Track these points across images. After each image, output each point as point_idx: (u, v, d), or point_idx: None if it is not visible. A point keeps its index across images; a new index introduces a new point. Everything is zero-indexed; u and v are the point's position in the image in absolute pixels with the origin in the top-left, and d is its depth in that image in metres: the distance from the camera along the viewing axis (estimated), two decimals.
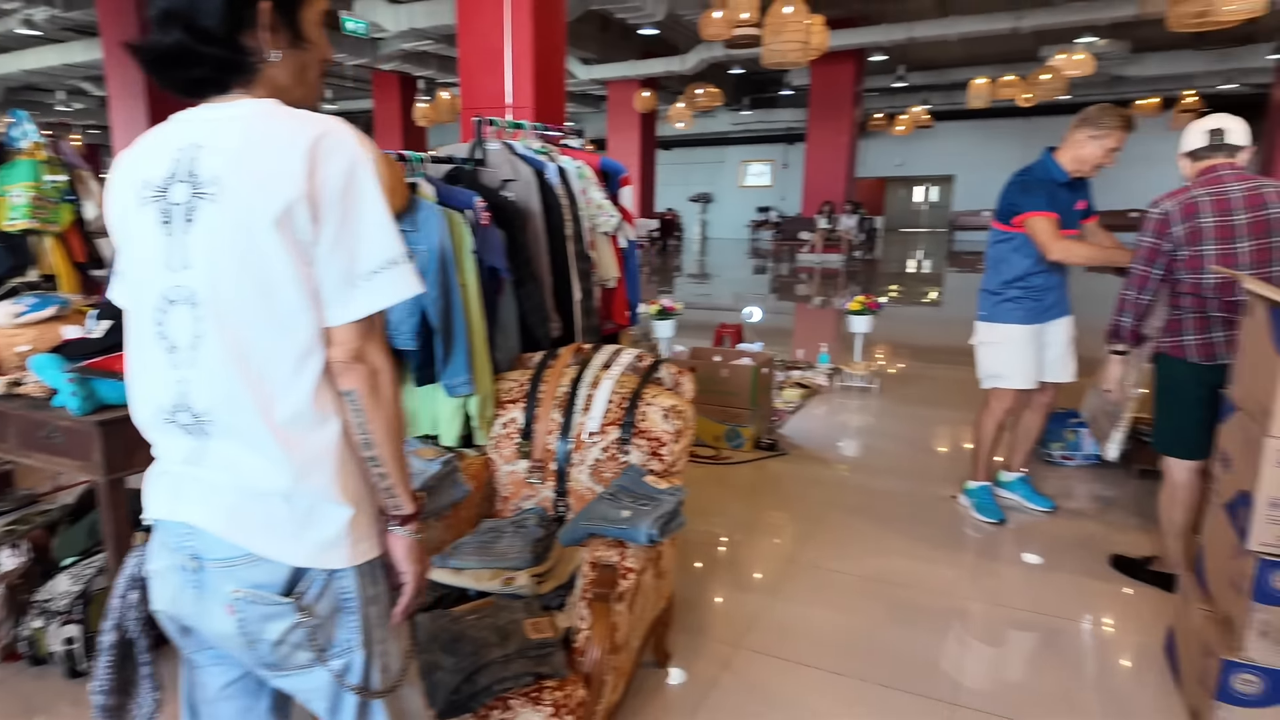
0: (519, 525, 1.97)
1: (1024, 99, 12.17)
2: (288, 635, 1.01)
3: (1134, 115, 2.87)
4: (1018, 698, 2.10)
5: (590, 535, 1.73)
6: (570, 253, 2.47)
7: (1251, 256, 2.31)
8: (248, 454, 0.99)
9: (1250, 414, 1.83)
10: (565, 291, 2.48)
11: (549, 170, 2.44)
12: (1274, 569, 1.72)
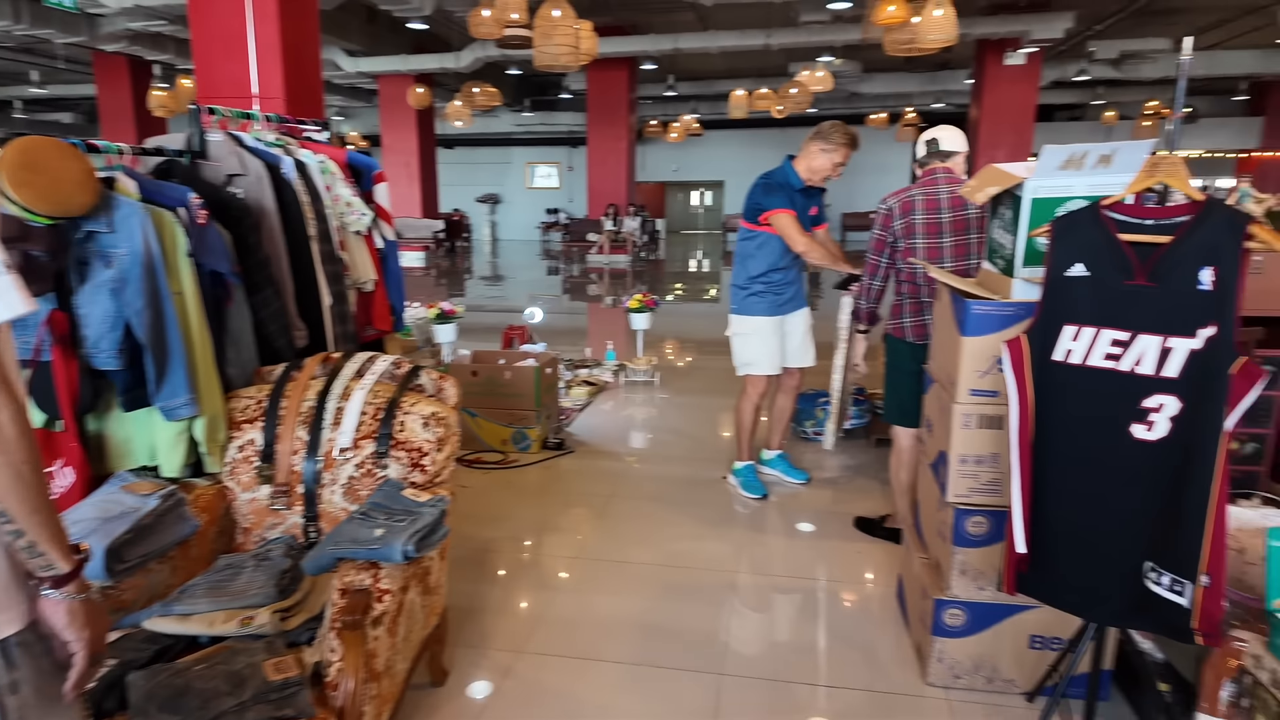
0: (262, 558, 1.78)
1: (777, 111, 13.33)
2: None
3: (858, 134, 3.24)
4: (779, 657, 2.27)
5: (339, 560, 1.60)
6: (316, 254, 2.28)
7: (952, 251, 2.70)
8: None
9: (943, 385, 2.12)
10: (312, 297, 2.28)
11: (285, 165, 2.23)
12: (967, 516, 2.01)
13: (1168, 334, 1.51)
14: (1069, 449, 1.64)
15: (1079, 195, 1.86)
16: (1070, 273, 1.62)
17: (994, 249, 2.13)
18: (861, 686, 2.13)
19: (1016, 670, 2.05)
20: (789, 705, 2.06)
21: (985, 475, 2.00)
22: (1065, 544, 1.66)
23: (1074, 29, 11.87)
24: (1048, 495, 1.67)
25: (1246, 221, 1.44)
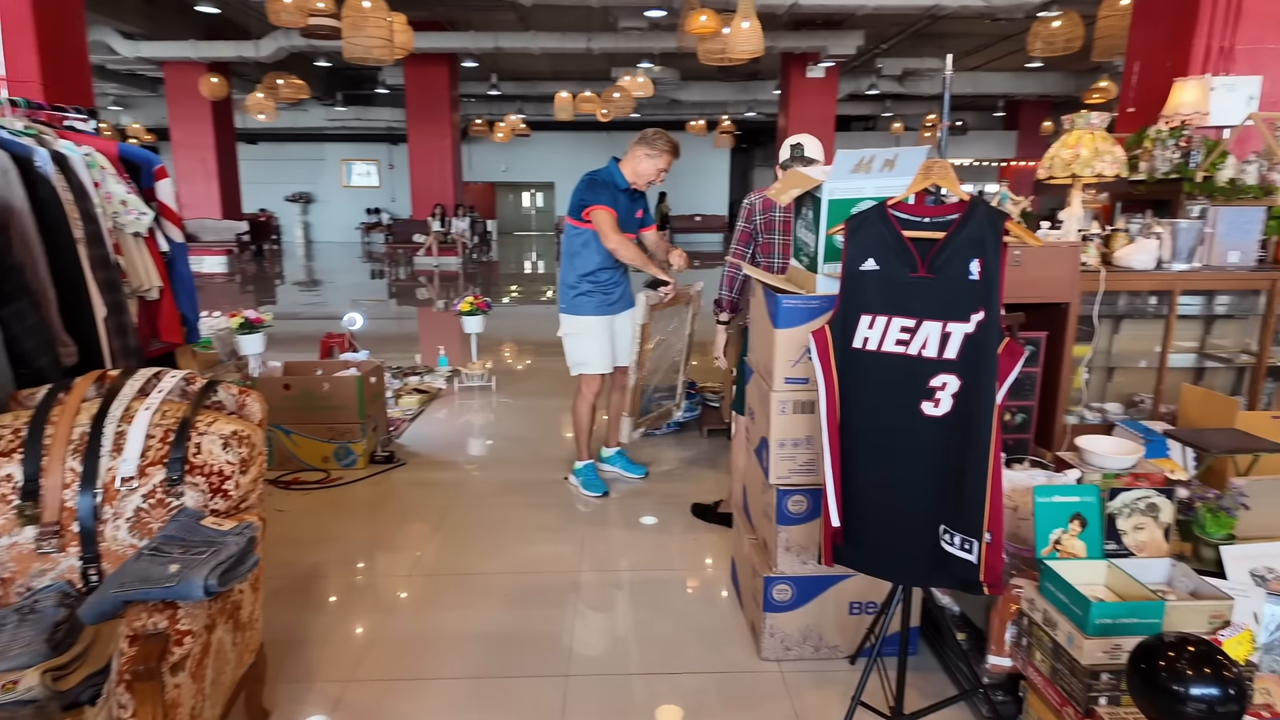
0: (27, 611, 1.53)
1: (602, 114, 13.53)
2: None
3: (679, 143, 3.37)
4: (623, 651, 2.30)
5: (126, 603, 1.42)
6: (85, 259, 2.00)
7: (783, 248, 2.88)
8: None
9: (762, 375, 2.25)
10: (82, 308, 2.00)
11: (38, 156, 1.93)
12: (788, 496, 2.14)
13: (946, 320, 1.69)
14: (871, 428, 1.79)
15: (869, 196, 2.03)
16: (863, 267, 1.77)
17: (799, 247, 2.29)
18: (702, 670, 2.21)
19: (839, 636, 2.22)
20: (634, 698, 2.09)
21: (802, 457, 2.14)
22: (872, 515, 1.81)
23: (864, 46, 13.06)
24: (856, 471, 1.82)
25: (1003, 218, 1.64)
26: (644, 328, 3.27)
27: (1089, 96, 12.30)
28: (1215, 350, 3.94)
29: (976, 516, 1.67)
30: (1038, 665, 1.80)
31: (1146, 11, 5.45)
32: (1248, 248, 3.58)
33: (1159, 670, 1.35)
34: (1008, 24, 12.26)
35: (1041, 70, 16.25)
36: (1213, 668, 1.32)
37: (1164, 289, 3.56)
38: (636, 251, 3.29)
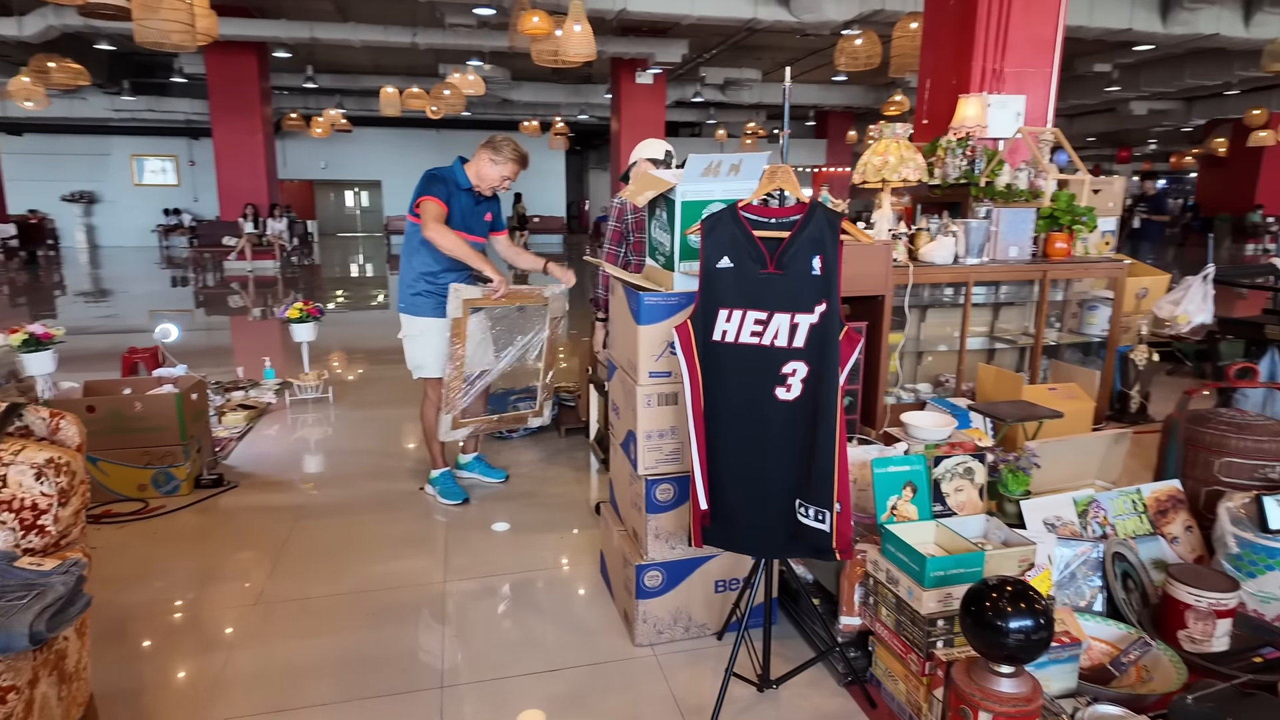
0: None
1: (432, 111, 13.12)
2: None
3: (529, 155, 3.34)
4: (498, 656, 2.28)
5: None
6: None
7: (636, 247, 2.97)
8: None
9: (625, 370, 2.32)
10: None
11: None
12: (656, 485, 2.23)
13: (794, 312, 1.84)
14: (732, 414, 1.91)
15: (718, 199, 2.16)
16: (720, 265, 1.88)
17: (654, 246, 2.38)
18: (578, 663, 2.24)
19: (707, 615, 2.34)
20: (513, 700, 2.08)
21: (668, 447, 2.23)
22: (737, 495, 1.94)
23: (689, 55, 13.63)
24: (720, 456, 1.93)
25: (839, 219, 1.81)
26: (456, 323, 3.14)
27: (887, 109, 13.63)
28: (1002, 333, 4.54)
29: (827, 489, 1.84)
30: (884, 620, 2.01)
31: (933, 36, 6.14)
32: (1023, 244, 4.14)
33: (985, 610, 1.56)
34: (816, 39, 13.29)
35: (846, 84, 17.77)
36: (1026, 603, 1.55)
37: (960, 281, 4.04)
38: (457, 243, 3.10)
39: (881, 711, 2.01)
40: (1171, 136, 22.81)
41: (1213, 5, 10.04)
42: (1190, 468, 2.63)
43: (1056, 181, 4.55)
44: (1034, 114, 5.68)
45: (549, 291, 3.36)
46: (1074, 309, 4.58)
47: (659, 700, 2.07)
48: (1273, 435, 2.50)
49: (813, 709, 2.03)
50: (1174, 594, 2.15)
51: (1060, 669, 1.87)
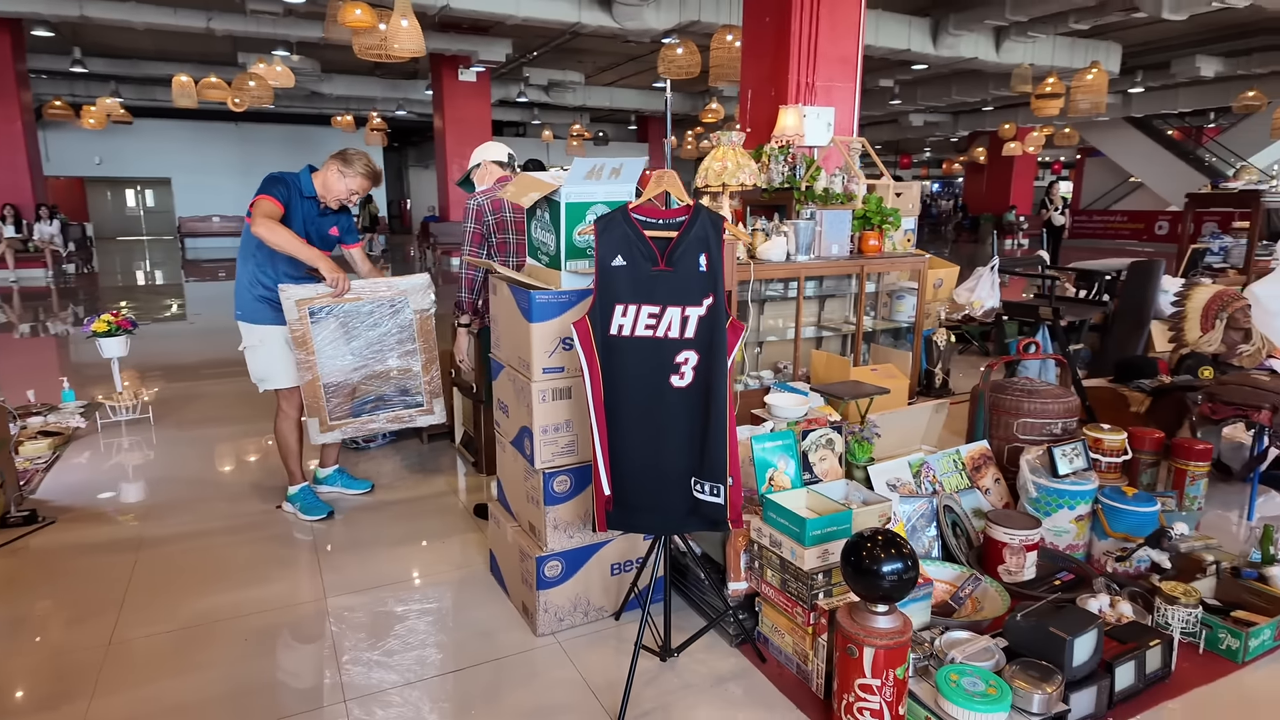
0: None
1: (234, 104, 12.04)
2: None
3: (381, 172, 3.22)
4: (399, 664, 2.24)
5: None
6: None
7: (518, 247, 2.98)
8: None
9: (515, 369, 2.37)
10: None
11: None
12: (553, 478, 2.30)
13: (684, 305, 1.99)
14: (630, 403, 2.03)
15: (600, 200, 2.28)
16: (614, 263, 2.00)
17: (537, 246, 2.45)
18: (482, 660, 2.26)
19: (604, 598, 2.44)
20: (421, 706, 2.07)
21: (564, 440, 2.31)
22: (636, 478, 2.06)
23: (512, 55, 13.58)
24: (620, 443, 2.05)
25: (721, 220, 1.99)
26: (294, 326, 3.01)
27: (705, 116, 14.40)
28: (827, 323, 5.03)
29: (720, 466, 2.01)
30: (769, 581, 2.22)
31: (752, 50, 6.62)
32: (843, 241, 4.63)
33: (863, 559, 1.80)
34: (637, 46, 13.76)
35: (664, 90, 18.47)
36: (895, 549, 1.81)
37: (793, 276, 4.45)
38: (288, 238, 2.91)
39: (771, 665, 2.22)
40: (942, 146, 26.01)
41: (971, 33, 11.62)
42: (994, 429, 3.11)
43: (866, 186, 5.12)
44: (842, 125, 6.32)
45: (404, 284, 3.23)
46: (885, 299, 5.18)
47: (568, 684, 2.15)
48: (1055, 398, 3.03)
49: (711, 670, 2.21)
50: (993, 535, 2.56)
51: (918, 606, 2.17)
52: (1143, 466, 3.03)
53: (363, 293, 3.11)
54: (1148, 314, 5.18)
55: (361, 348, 3.25)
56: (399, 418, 3.34)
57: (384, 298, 3.16)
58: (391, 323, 3.23)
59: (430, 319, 3.26)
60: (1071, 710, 1.90)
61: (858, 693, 1.82)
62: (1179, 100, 15.80)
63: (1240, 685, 2.14)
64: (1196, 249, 6.41)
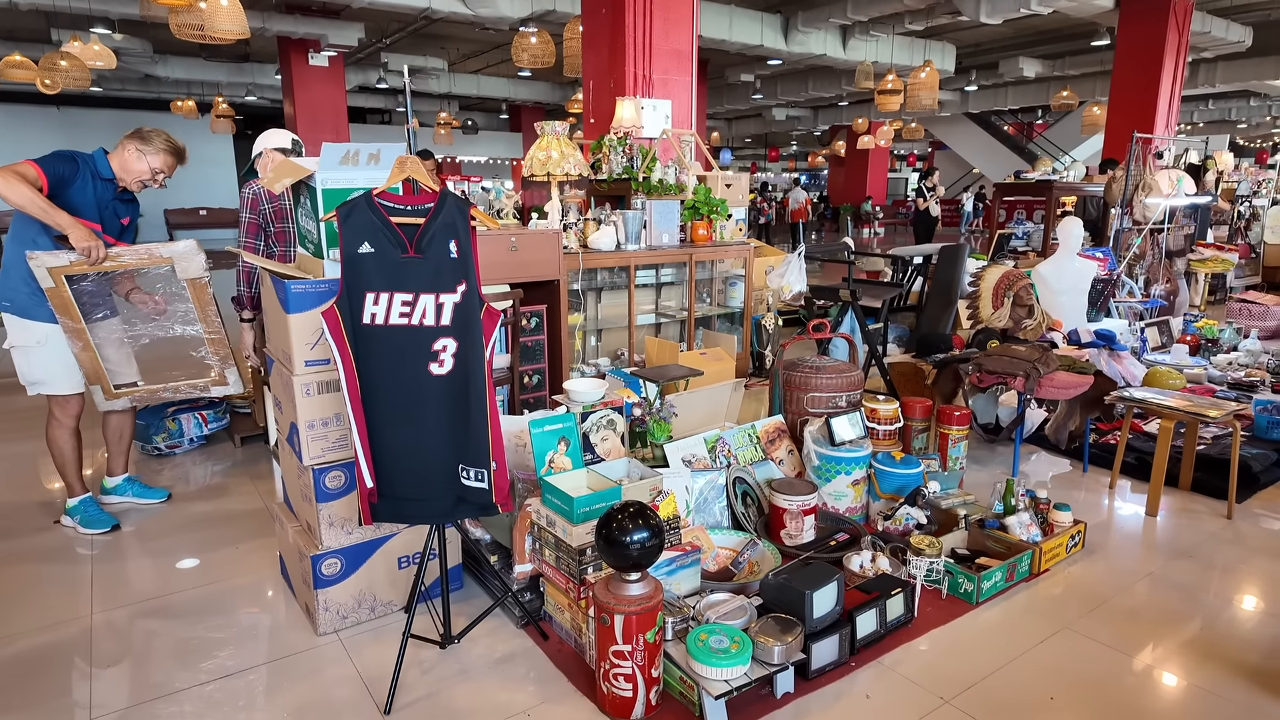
0: None
1: (45, 85, 10.92)
2: None
3: (185, 149, 3.01)
4: (169, 674, 2.13)
5: None
6: None
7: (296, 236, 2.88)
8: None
9: (282, 363, 2.30)
10: None
11: None
12: (324, 473, 2.25)
13: (438, 292, 2.00)
14: (388, 393, 2.02)
15: (361, 186, 2.23)
16: (360, 250, 1.97)
17: (303, 234, 2.38)
18: (257, 663, 2.19)
19: (392, 592, 2.42)
20: (189, 712, 1.98)
21: (334, 435, 2.26)
22: (399, 468, 2.05)
23: (366, 39, 13.04)
24: (381, 433, 2.03)
25: (469, 206, 2.01)
26: (53, 294, 2.79)
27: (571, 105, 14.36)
28: (665, 310, 5.17)
29: (484, 451, 2.04)
30: (548, 560, 2.27)
31: (592, 41, 6.67)
32: (673, 231, 4.76)
33: (613, 530, 1.88)
34: (497, 34, 13.53)
35: (532, 79, 18.31)
36: (643, 519, 1.89)
37: (624, 264, 4.53)
38: (32, 196, 2.64)
39: (553, 642, 2.28)
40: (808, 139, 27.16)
41: (819, 30, 12.17)
42: (789, 404, 3.30)
43: (697, 177, 5.28)
44: (679, 117, 6.48)
45: (168, 250, 2.96)
46: (720, 285, 5.38)
47: (344, 680, 2.12)
48: (840, 374, 3.25)
49: (491, 653, 2.23)
50: (776, 502, 2.73)
51: (687, 573, 2.28)
52: (915, 433, 3.31)
53: (122, 259, 2.87)
54: (955, 294, 5.63)
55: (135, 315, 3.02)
56: (193, 386, 3.13)
57: (146, 265, 2.93)
58: (162, 290, 3.01)
59: (205, 286, 3.03)
60: (813, 658, 2.06)
61: (612, 659, 1.90)
62: (1008, 98, 17.20)
63: (975, 623, 2.38)
64: (1003, 234, 7.03)
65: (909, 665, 2.17)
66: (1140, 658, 2.21)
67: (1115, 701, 2.03)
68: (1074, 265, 5.19)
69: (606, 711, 1.96)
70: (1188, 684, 2.10)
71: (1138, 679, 2.12)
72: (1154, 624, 2.38)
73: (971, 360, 3.55)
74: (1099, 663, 2.18)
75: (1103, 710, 1.99)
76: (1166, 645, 2.27)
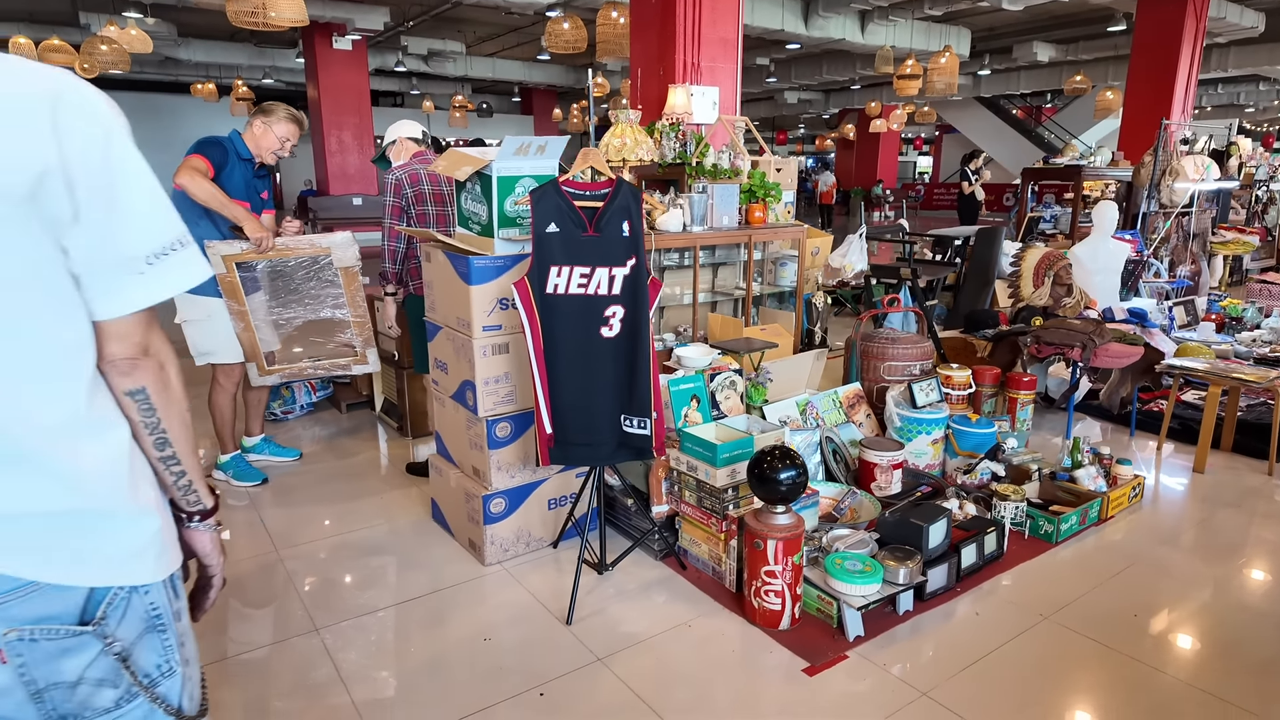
0: None
1: (84, 70, 11.11)
2: (88, 671, 0.89)
3: (304, 116, 3.30)
4: (363, 598, 2.46)
5: None
6: None
7: (438, 218, 3.17)
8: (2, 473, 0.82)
9: (454, 329, 2.60)
10: None
11: None
12: (495, 424, 2.57)
13: (611, 266, 2.30)
14: (566, 353, 2.33)
15: (527, 174, 2.54)
16: (548, 230, 2.28)
17: (468, 216, 2.68)
18: (446, 586, 2.52)
19: (543, 529, 2.75)
20: (390, 627, 2.30)
21: (503, 391, 2.58)
22: (573, 417, 2.37)
23: (390, 23, 13.21)
24: (559, 388, 2.34)
25: (639, 192, 2.31)
26: (223, 280, 3.09)
27: (600, 90, 14.54)
28: (720, 289, 5.47)
29: (646, 403, 2.36)
30: (687, 500, 2.60)
31: (640, 29, 6.92)
32: (732, 213, 5.05)
33: (764, 469, 2.20)
34: (520, 18, 13.69)
35: (549, 63, 18.46)
36: (789, 459, 2.22)
37: (689, 245, 4.83)
38: (213, 191, 2.91)
39: (690, 572, 2.61)
40: (815, 122, 27.30)
41: (839, 15, 12.39)
42: (865, 373, 3.62)
43: (750, 162, 5.56)
44: (725, 103, 6.75)
45: (328, 241, 3.27)
46: (770, 266, 5.68)
47: (520, 600, 2.45)
48: (914, 344, 3.57)
49: (640, 579, 2.57)
50: (867, 458, 3.05)
51: (809, 512, 2.61)
52: (984, 398, 3.63)
53: (287, 249, 3.18)
54: (992, 273, 5.95)
55: (292, 300, 3.33)
56: (335, 365, 3.43)
57: (308, 255, 3.24)
58: (319, 277, 3.32)
59: (356, 275, 3.34)
60: (929, 581, 2.39)
61: (764, 578, 2.23)
62: (1020, 82, 17.42)
63: (1055, 559, 2.72)
64: (1032, 216, 7.33)
65: (1006, 591, 2.51)
66: (1204, 585, 2.55)
67: (1190, 615, 2.37)
68: (1108, 246, 5.50)
69: (756, 623, 2.29)
70: (1238, 601, 2.45)
71: (1206, 601, 2.46)
72: (1213, 559, 2.72)
73: (1029, 333, 3.87)
74: (1170, 589, 2.53)
75: (1182, 621, 2.34)
76: (1225, 573, 2.62)
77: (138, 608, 0.92)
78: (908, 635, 2.27)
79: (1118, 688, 2.05)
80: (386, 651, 2.21)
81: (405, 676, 2.10)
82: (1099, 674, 2.11)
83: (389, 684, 2.07)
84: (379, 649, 2.22)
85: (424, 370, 3.34)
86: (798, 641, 2.22)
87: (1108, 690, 2.05)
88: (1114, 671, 2.12)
